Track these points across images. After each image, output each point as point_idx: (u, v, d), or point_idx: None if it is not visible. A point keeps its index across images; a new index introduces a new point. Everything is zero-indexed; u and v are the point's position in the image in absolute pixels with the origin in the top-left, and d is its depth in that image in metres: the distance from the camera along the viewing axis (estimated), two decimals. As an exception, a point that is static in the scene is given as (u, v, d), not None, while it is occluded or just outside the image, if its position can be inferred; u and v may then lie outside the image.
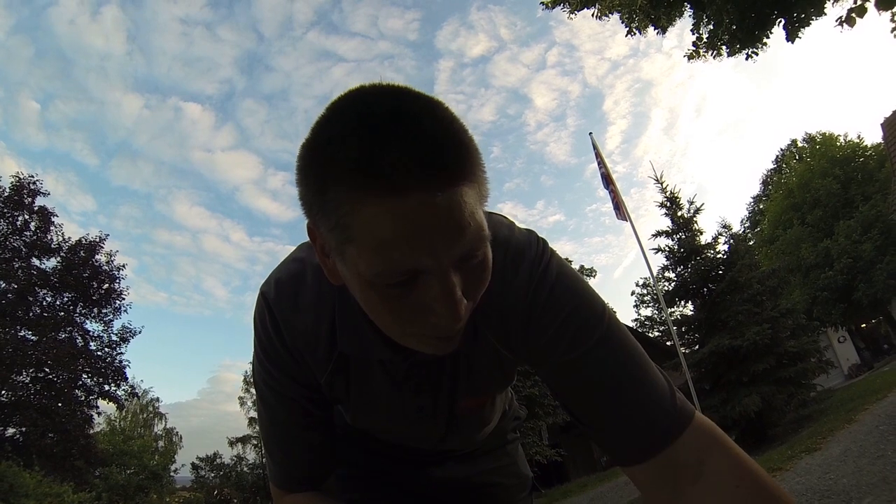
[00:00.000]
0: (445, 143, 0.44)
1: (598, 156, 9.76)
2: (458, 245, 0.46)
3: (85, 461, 13.47)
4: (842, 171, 19.20)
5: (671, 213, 10.72)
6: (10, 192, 13.68)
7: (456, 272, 0.48)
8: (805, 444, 5.83)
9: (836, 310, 17.77)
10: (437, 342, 0.54)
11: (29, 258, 14.29)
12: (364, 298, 0.51)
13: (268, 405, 0.72)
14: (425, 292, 0.48)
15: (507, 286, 0.64)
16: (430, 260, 0.45)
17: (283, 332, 0.66)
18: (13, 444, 12.44)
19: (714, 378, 9.33)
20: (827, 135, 21.97)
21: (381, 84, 0.48)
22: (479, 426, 0.86)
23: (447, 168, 0.44)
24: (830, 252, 18.05)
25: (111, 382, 15.11)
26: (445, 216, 0.44)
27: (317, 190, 0.47)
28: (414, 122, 0.44)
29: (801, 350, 9.12)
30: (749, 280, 9.87)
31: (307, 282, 0.66)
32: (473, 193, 0.47)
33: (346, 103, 0.48)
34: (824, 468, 4.47)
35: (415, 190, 0.43)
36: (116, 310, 15.61)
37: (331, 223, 0.47)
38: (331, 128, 0.47)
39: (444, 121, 0.46)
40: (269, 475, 0.79)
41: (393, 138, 0.43)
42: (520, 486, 1.02)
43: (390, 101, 0.46)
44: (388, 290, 0.48)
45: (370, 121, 0.44)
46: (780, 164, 27.74)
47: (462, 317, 0.49)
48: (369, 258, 0.45)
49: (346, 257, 0.48)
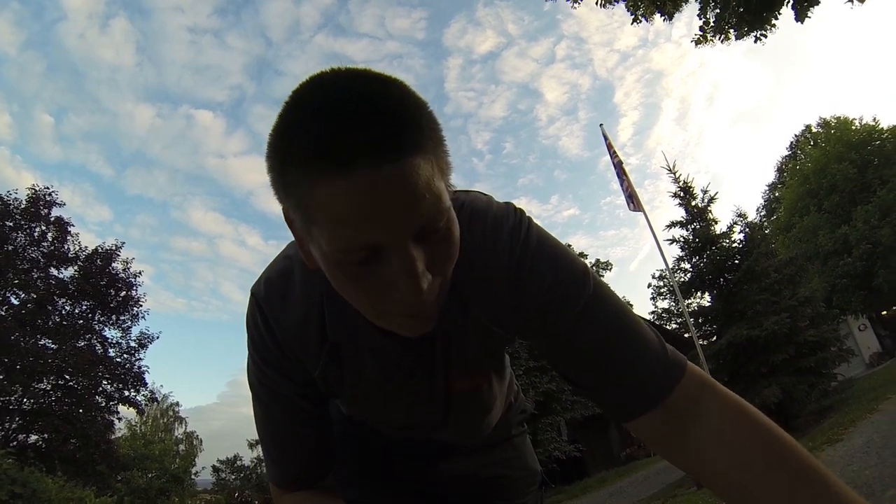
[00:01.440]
0: (393, 118, 0.45)
1: (610, 147, 9.67)
2: (414, 218, 0.46)
3: (107, 466, 13.70)
4: (858, 156, 18.77)
5: (685, 203, 10.55)
6: (27, 204, 13.92)
7: (417, 246, 0.48)
8: (827, 434, 5.72)
9: (856, 297, 17.41)
10: (410, 321, 0.54)
11: (47, 268, 14.54)
12: (333, 278, 0.52)
13: (263, 404, 0.73)
14: (387, 268, 0.48)
15: (490, 257, 0.64)
16: (385, 235, 0.46)
17: (274, 329, 0.67)
18: (36, 451, 12.68)
19: (732, 369, 9.16)
20: (842, 119, 21.51)
21: (339, 68, 0.50)
22: (479, 412, 0.84)
23: (393, 142, 0.44)
24: (849, 238, 17.69)
25: (131, 388, 15.35)
26: (396, 189, 0.45)
27: (278, 174, 0.49)
28: (363, 102, 0.45)
29: (820, 339, 8.94)
30: (766, 269, 9.68)
31: (295, 277, 0.67)
32: (427, 167, 0.47)
33: (304, 90, 0.49)
34: (847, 459, 4.37)
35: (362, 166, 0.44)
36: (134, 316, 15.86)
37: (294, 204, 0.49)
38: (288, 115, 0.48)
39: (395, 98, 0.47)
40: (266, 475, 0.79)
41: (342, 119, 0.44)
42: (528, 480, 1.01)
43: (343, 84, 0.47)
44: (352, 268, 0.49)
45: (323, 105, 0.45)
46: (794, 150, 27.28)
47: (426, 292, 0.50)
48: (329, 237, 0.47)
49: (312, 238, 0.50)
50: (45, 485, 7.74)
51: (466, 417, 0.83)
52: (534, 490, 1.01)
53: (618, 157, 9.51)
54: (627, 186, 9.21)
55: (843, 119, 21.33)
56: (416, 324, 0.54)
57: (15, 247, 13.78)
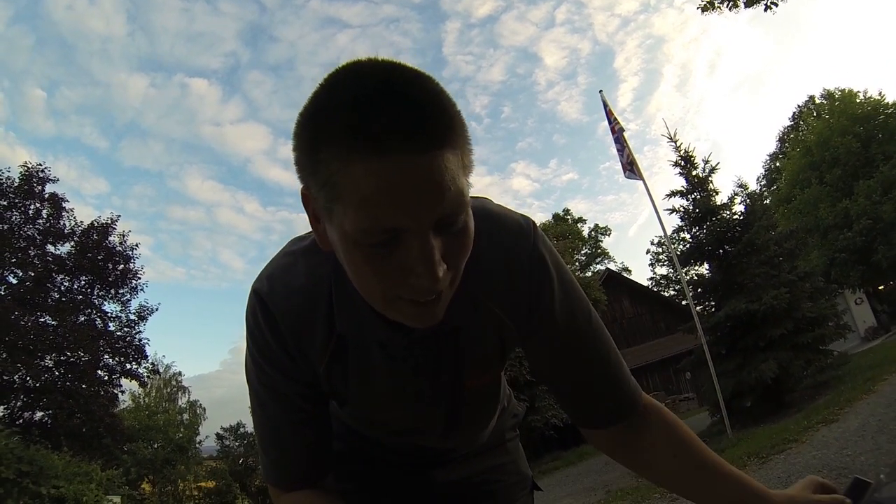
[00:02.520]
0: (429, 111, 0.48)
1: (610, 114, 9.49)
2: (438, 207, 0.48)
3: (112, 439, 13.95)
4: (862, 130, 18.51)
5: (686, 173, 10.33)
6: (20, 182, 13.78)
7: (436, 236, 0.50)
8: (822, 414, 5.78)
9: (854, 272, 17.46)
10: (419, 310, 0.55)
11: (44, 245, 14.50)
12: (349, 259, 0.53)
13: (263, 403, 0.72)
14: (406, 252, 0.49)
15: (509, 255, 0.68)
16: (409, 219, 0.48)
17: (279, 324, 0.66)
18: (41, 428, 12.88)
19: (730, 342, 9.22)
20: (846, 91, 21.14)
21: (374, 58, 0.51)
22: (489, 410, 0.87)
23: (429, 133, 0.47)
24: (849, 212, 17.63)
25: (132, 361, 15.53)
26: (425, 178, 0.47)
27: (309, 152, 0.50)
28: (402, 91, 0.47)
29: (818, 314, 8.95)
30: (766, 242, 9.63)
31: (300, 270, 0.68)
32: (455, 161, 0.49)
33: (340, 75, 0.51)
34: (842, 442, 4.41)
35: (397, 151, 0.45)
36: (133, 289, 15.93)
37: (320, 181, 0.50)
38: (325, 96, 0.50)
39: (431, 92, 0.49)
40: (264, 474, 0.77)
41: (381, 105, 0.46)
42: (520, 485, 1.01)
43: (381, 73, 0.49)
44: (371, 250, 0.50)
45: (361, 90, 0.47)
46: (797, 121, 26.97)
47: (440, 280, 0.51)
48: (354, 215, 0.48)
49: (333, 217, 0.51)
50: (52, 461, 7.87)
51: (476, 416, 0.85)
52: (525, 494, 1.02)
53: (619, 125, 9.35)
54: (628, 154, 9.09)
55: (848, 91, 20.96)
56: (425, 313, 0.55)
57: (10, 225, 13.71)
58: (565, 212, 37.75)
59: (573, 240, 33.31)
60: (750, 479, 0.70)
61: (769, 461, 5.02)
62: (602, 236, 38.37)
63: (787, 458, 4.85)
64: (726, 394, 8.18)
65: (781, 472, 4.48)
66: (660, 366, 20.66)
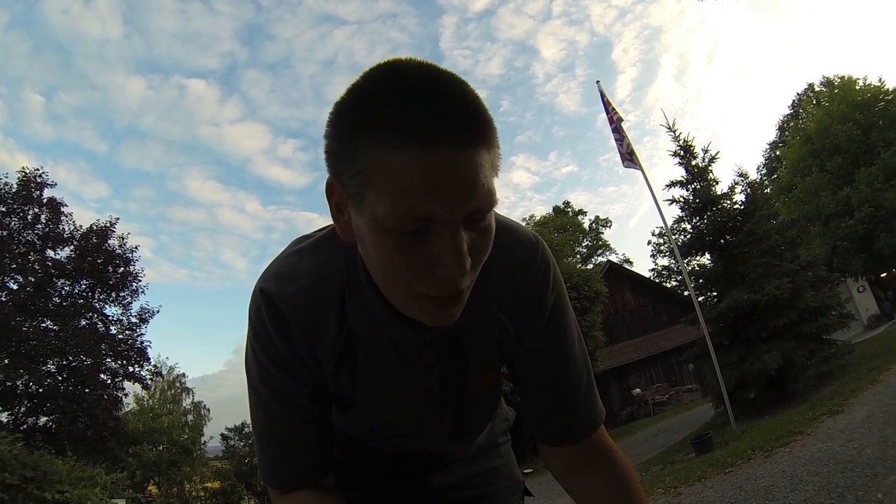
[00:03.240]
0: (473, 109, 0.50)
1: (608, 104, 9.44)
2: (471, 202, 0.50)
3: (116, 442, 13.96)
4: (862, 116, 18.35)
5: (685, 163, 10.24)
6: (18, 187, 13.75)
7: (465, 230, 0.52)
8: (827, 405, 5.73)
9: (856, 260, 17.36)
10: (439, 306, 0.55)
11: (43, 250, 14.50)
12: (377, 247, 0.53)
13: (264, 403, 0.71)
14: (435, 243, 0.51)
15: (517, 263, 0.71)
16: (444, 210, 0.49)
17: (288, 322, 0.65)
18: (45, 433, 12.90)
19: (732, 333, 9.14)
20: (846, 78, 20.97)
21: (413, 58, 0.53)
22: (490, 412, 0.88)
23: (473, 129, 0.49)
24: (851, 200, 17.52)
25: (134, 364, 15.53)
26: (463, 173, 0.48)
27: (347, 139, 0.51)
28: (444, 88, 0.50)
29: (822, 304, 8.88)
30: (768, 231, 9.54)
31: (308, 268, 0.67)
32: (489, 161, 0.51)
33: (382, 69, 0.52)
34: (847, 435, 4.36)
35: (440, 144, 0.47)
36: (133, 292, 15.93)
37: (356, 168, 0.50)
38: (366, 87, 0.51)
39: (471, 94, 0.51)
40: (263, 475, 0.76)
41: (424, 99, 0.48)
42: (513, 489, 1.01)
43: (424, 70, 0.51)
44: (402, 238, 0.51)
45: (404, 83, 0.49)
46: (796, 108, 26.81)
47: (467, 273, 0.52)
48: (390, 202, 0.49)
49: (364, 204, 0.51)
50: (56, 466, 7.88)
51: (481, 416, 0.86)
52: (517, 499, 1.02)
53: (617, 115, 9.30)
54: (627, 144, 9.05)
55: (847, 78, 20.79)
56: (445, 313, 0.56)
57: (9, 231, 13.69)
58: (566, 204, 37.70)
59: (574, 232, 33.27)
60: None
61: (774, 454, 4.99)
62: (603, 228, 38.26)
63: (792, 451, 4.81)
64: (729, 385, 8.14)
65: (786, 465, 4.45)
66: (662, 357, 20.64)
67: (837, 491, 3.41)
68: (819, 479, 3.77)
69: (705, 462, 5.91)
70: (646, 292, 24.22)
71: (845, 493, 3.32)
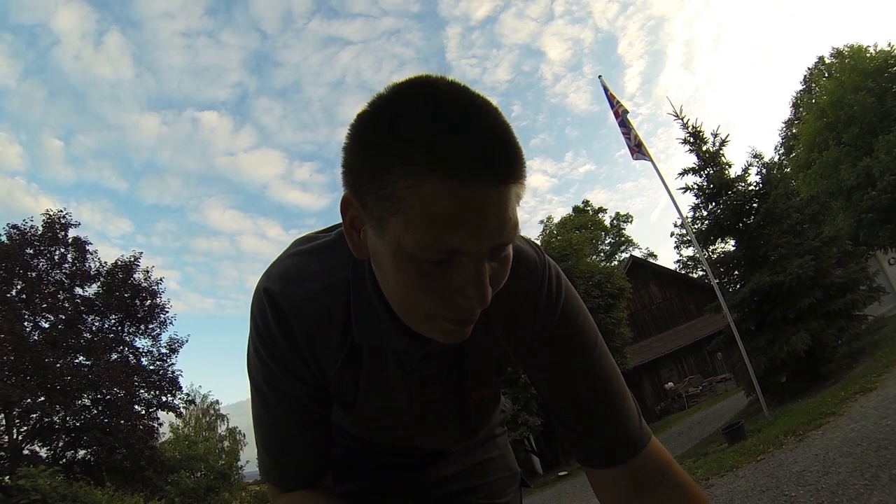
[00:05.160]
0: (509, 145, 0.49)
1: (612, 97, 9.38)
2: (499, 235, 0.50)
3: (153, 471, 14.22)
4: (875, 84, 17.82)
5: (696, 149, 10.05)
6: (44, 229, 14.21)
7: (488, 261, 0.52)
8: (860, 383, 5.55)
9: (883, 231, 16.80)
10: (454, 328, 0.56)
11: (72, 288, 14.95)
12: (398, 272, 0.52)
13: (266, 403, 0.71)
14: (458, 273, 0.51)
15: (521, 291, 0.69)
16: (472, 243, 0.49)
17: (291, 325, 0.65)
18: (83, 465, 13.21)
19: (759, 318, 8.92)
20: (855, 47, 20.45)
21: (444, 77, 0.52)
22: (488, 418, 0.88)
23: (508, 166, 0.49)
24: (872, 170, 16.98)
25: (167, 393, 15.86)
26: (496, 208, 0.48)
27: (377, 161, 0.49)
28: (483, 116, 0.48)
29: (848, 279, 8.61)
30: (787, 210, 9.28)
31: (314, 272, 0.66)
32: (517, 194, 0.51)
33: (413, 86, 0.51)
34: (881, 412, 4.22)
35: (478, 178, 0.47)
36: (162, 323, 16.29)
37: (384, 193, 0.49)
38: (397, 105, 0.50)
39: (506, 124, 0.51)
40: (263, 474, 0.78)
41: (464, 129, 0.47)
42: (510, 480, 1.03)
43: (459, 92, 0.50)
44: (425, 266, 0.51)
45: (441, 106, 0.48)
46: (809, 84, 26.21)
47: (488, 300, 0.53)
48: (418, 231, 0.48)
49: (387, 229, 0.50)
50: (95, 497, 8.05)
51: (483, 423, 0.87)
52: (514, 490, 1.03)
53: (622, 107, 9.24)
54: (634, 136, 8.97)
55: (857, 47, 20.24)
56: (459, 332, 0.57)
57: (38, 272, 14.13)
58: (585, 203, 37.36)
59: (595, 230, 32.85)
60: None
61: (806, 438, 4.85)
62: (624, 224, 37.79)
63: (825, 434, 4.67)
64: (759, 371, 7.95)
65: (819, 448, 4.32)
66: (694, 349, 20.20)
67: (871, 471, 3.30)
68: (852, 459, 3.66)
69: (737, 451, 5.77)
70: (671, 284, 23.80)
71: (878, 472, 3.22)
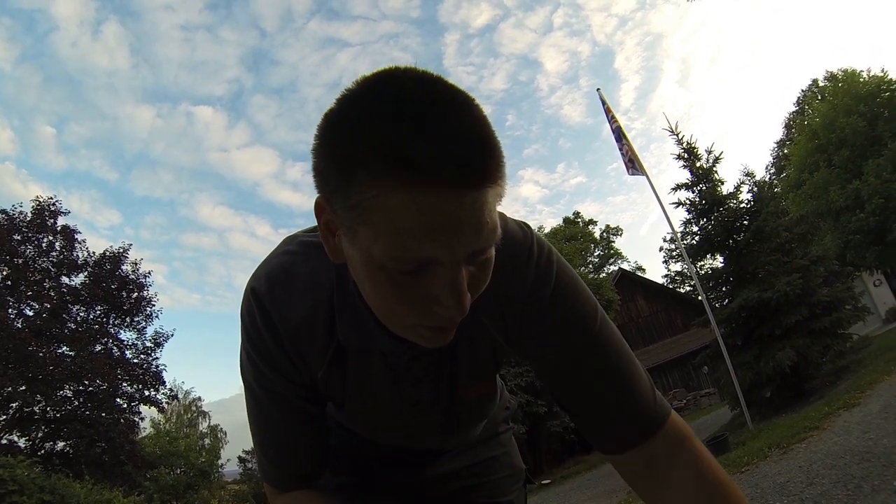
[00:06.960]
0: (481, 145, 0.45)
1: (609, 111, 9.49)
2: (475, 242, 0.47)
3: (133, 466, 14.01)
4: (867, 108, 18.17)
5: (689, 165, 10.25)
6: (32, 216, 14.03)
7: (465, 266, 0.49)
8: (843, 399, 5.63)
9: (870, 253, 17.09)
10: (435, 334, 0.54)
11: (58, 277, 14.72)
12: (371, 281, 0.50)
13: (259, 403, 0.71)
14: (434, 282, 0.48)
15: (506, 277, 0.64)
16: (445, 253, 0.46)
17: (277, 326, 0.64)
18: (62, 458, 12.99)
19: (745, 333, 9.04)
20: (849, 71, 20.83)
21: (415, 68, 0.47)
22: (481, 415, 0.86)
23: (480, 171, 0.44)
24: (861, 193, 17.27)
25: (150, 388, 15.63)
26: (469, 215, 0.45)
27: (341, 167, 0.46)
28: (453, 117, 0.44)
29: (834, 298, 8.75)
30: (776, 228, 9.46)
31: (300, 273, 0.65)
32: (495, 195, 0.47)
33: (381, 82, 0.46)
34: (863, 426, 4.29)
35: (446, 187, 0.43)
36: (148, 317, 16.08)
37: (350, 202, 0.46)
38: (363, 104, 0.46)
39: (480, 120, 0.46)
40: (263, 475, 0.78)
41: (431, 130, 0.42)
42: (514, 478, 1.01)
43: (429, 90, 0.45)
44: (398, 276, 0.48)
45: (407, 106, 0.43)
46: (802, 105, 26.66)
47: (466, 309, 0.50)
48: (386, 243, 0.45)
49: (357, 238, 0.48)
50: (73, 490, 7.90)
51: (473, 420, 0.85)
52: (518, 488, 1.02)
53: (616, 122, 9.35)
54: (627, 150, 9.06)
55: (851, 71, 20.63)
56: (441, 337, 0.55)
57: (25, 259, 13.92)
58: (575, 215, 37.46)
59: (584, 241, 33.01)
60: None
61: (790, 451, 4.90)
62: (614, 237, 37.98)
63: (809, 446, 4.73)
64: (745, 385, 8.02)
65: (803, 461, 4.37)
66: (678, 363, 20.34)
67: (854, 482, 3.35)
68: (835, 471, 3.71)
69: (721, 463, 5.72)
70: (658, 298, 23.97)
71: (861, 483, 3.26)
